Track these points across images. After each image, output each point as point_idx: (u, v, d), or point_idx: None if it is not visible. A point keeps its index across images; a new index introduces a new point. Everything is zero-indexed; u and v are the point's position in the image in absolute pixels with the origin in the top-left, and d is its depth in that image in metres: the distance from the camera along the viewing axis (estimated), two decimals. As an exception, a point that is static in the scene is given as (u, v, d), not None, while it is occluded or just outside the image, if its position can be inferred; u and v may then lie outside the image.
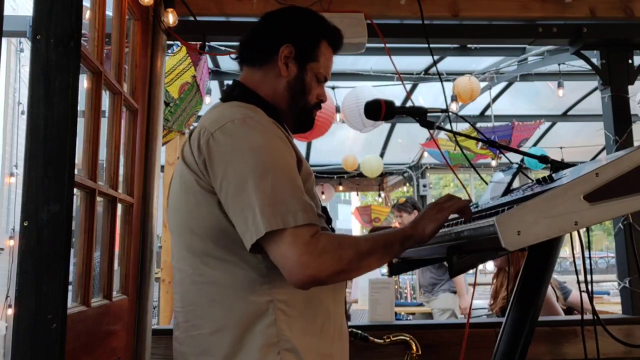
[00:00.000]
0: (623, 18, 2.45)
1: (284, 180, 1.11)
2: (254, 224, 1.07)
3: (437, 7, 2.38)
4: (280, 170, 1.12)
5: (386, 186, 10.66)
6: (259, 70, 1.33)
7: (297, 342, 1.16)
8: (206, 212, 1.17)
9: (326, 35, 1.36)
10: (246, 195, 1.09)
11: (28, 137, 1.11)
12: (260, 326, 1.15)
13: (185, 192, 1.21)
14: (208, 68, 3.34)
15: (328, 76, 1.39)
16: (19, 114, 7.09)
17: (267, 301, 1.16)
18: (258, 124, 1.18)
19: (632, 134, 2.43)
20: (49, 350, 1.05)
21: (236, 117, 1.17)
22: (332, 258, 1.08)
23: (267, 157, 1.13)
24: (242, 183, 1.10)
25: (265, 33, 1.36)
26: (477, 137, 3.90)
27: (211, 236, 1.18)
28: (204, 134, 1.17)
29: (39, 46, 1.12)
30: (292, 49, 1.31)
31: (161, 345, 2.07)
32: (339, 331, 1.28)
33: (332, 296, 1.26)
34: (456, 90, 4.91)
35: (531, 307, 1.47)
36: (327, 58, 1.37)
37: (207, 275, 1.19)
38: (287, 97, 1.33)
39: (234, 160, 1.12)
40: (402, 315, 4.51)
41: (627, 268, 2.36)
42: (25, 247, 1.08)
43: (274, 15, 1.39)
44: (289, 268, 1.07)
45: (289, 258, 1.06)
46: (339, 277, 1.13)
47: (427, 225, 1.19)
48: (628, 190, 0.99)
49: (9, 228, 6.85)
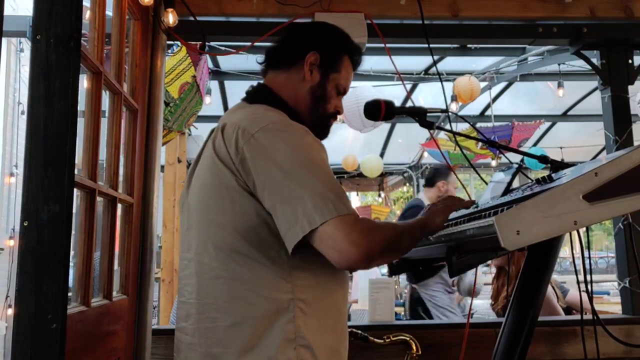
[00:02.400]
0: (623, 18, 2.45)
1: (326, 176, 1.19)
2: (304, 215, 1.13)
3: (437, 7, 2.38)
4: (322, 168, 1.20)
5: (386, 186, 10.67)
6: (285, 73, 1.41)
7: (312, 339, 1.22)
8: (240, 210, 1.22)
9: (350, 51, 1.46)
10: (293, 191, 1.15)
11: (28, 137, 1.11)
12: (280, 322, 1.21)
13: (218, 188, 1.25)
14: (208, 68, 3.34)
15: (347, 89, 1.47)
16: (19, 114, 7.09)
17: (288, 299, 1.22)
18: (294, 127, 1.26)
19: (632, 134, 2.43)
20: (49, 350, 1.06)
21: (274, 121, 1.26)
22: (379, 235, 1.15)
23: (309, 155, 1.20)
24: (289, 180, 1.16)
25: (295, 39, 1.45)
26: (477, 137, 3.90)
27: (242, 233, 1.23)
28: (243, 135, 1.22)
29: (39, 46, 1.12)
30: (318, 56, 1.39)
31: (161, 345, 2.07)
32: (344, 328, 1.34)
33: (342, 294, 1.33)
34: (456, 90, 4.91)
35: (531, 307, 1.47)
36: (348, 72, 1.46)
37: (232, 271, 1.24)
38: (309, 101, 1.40)
39: (278, 159, 1.18)
40: (402, 315, 4.51)
41: (627, 268, 2.36)
42: (25, 247, 1.08)
43: (304, 24, 1.51)
44: (340, 249, 1.12)
45: (338, 240, 1.12)
46: (388, 254, 1.22)
47: (437, 216, 1.29)
48: (627, 189, 0.99)
49: (9, 228, 6.85)
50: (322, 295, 1.26)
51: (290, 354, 1.20)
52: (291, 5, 2.29)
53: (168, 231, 5.19)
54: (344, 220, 1.13)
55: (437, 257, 1.56)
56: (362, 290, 4.51)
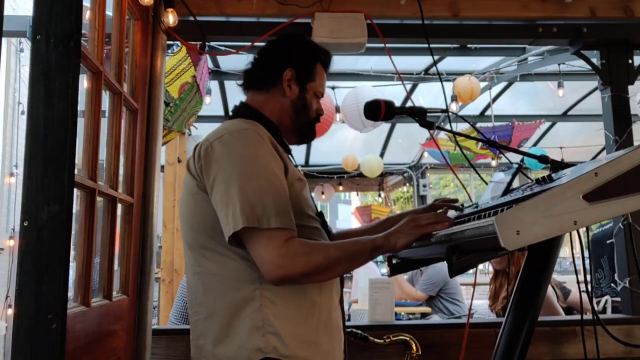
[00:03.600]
0: (623, 18, 2.45)
1: (266, 186, 1.27)
2: (233, 218, 1.23)
3: (437, 7, 2.38)
4: (265, 178, 1.28)
5: (386, 186, 10.67)
6: (265, 92, 1.51)
7: (280, 327, 1.28)
8: (202, 210, 1.34)
9: (320, 58, 1.56)
10: (231, 195, 1.25)
11: (28, 137, 1.11)
12: (247, 311, 1.29)
13: (187, 194, 1.39)
14: (208, 68, 3.34)
15: (324, 92, 1.58)
16: (19, 114, 7.09)
17: (254, 289, 1.30)
18: (251, 135, 1.34)
19: (632, 134, 2.43)
20: (49, 350, 1.06)
21: (233, 130, 1.35)
22: (302, 262, 1.23)
23: (254, 164, 1.30)
24: (229, 184, 1.26)
25: (268, 61, 1.54)
26: (477, 137, 3.90)
27: (207, 231, 1.33)
28: (204, 144, 1.34)
29: (39, 46, 1.12)
30: (293, 72, 1.49)
31: (161, 345, 2.07)
32: (325, 321, 1.38)
33: (318, 288, 1.38)
34: (456, 90, 4.91)
35: (531, 307, 1.47)
36: (322, 77, 1.56)
37: (204, 266, 1.35)
38: (292, 113, 1.51)
39: (225, 165, 1.29)
40: (402, 315, 4.51)
41: (627, 268, 2.36)
42: (25, 247, 1.08)
43: (273, 45, 1.58)
44: (265, 267, 1.24)
45: (264, 258, 1.23)
46: (308, 279, 1.30)
47: (399, 238, 1.29)
48: (627, 189, 0.99)
49: (9, 228, 6.84)
50: (291, 287, 1.32)
51: (258, 341, 1.26)
52: (291, 5, 2.29)
53: (168, 231, 5.19)
54: (272, 239, 1.23)
55: (437, 256, 1.56)
56: (362, 290, 4.50)
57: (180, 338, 2.10)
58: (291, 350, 1.28)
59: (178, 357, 2.08)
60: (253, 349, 1.26)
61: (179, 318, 2.76)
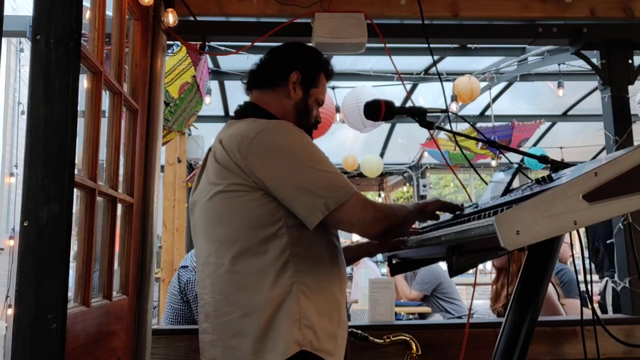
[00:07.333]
0: (623, 18, 2.45)
1: (329, 164, 1.37)
2: (320, 203, 1.30)
3: (437, 7, 2.38)
4: (324, 157, 1.38)
5: (386, 186, 10.67)
6: (271, 92, 1.56)
7: (314, 320, 1.34)
8: (241, 207, 1.36)
9: (324, 68, 1.62)
10: (307, 181, 1.32)
11: (28, 137, 1.11)
12: (285, 305, 1.33)
13: (225, 193, 1.38)
14: (208, 68, 3.34)
15: (324, 100, 1.64)
16: (19, 114, 7.08)
17: (291, 283, 1.34)
18: (290, 125, 1.42)
19: (632, 134, 2.43)
20: (49, 350, 1.06)
21: (270, 124, 1.41)
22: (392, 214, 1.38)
23: (312, 150, 1.38)
24: (299, 172, 1.33)
25: (277, 61, 1.60)
26: (477, 137, 3.90)
27: (247, 229, 1.36)
28: (243, 141, 1.36)
29: (39, 46, 1.12)
30: (300, 75, 1.55)
31: (161, 345, 2.07)
32: (343, 318, 1.45)
33: (339, 286, 1.45)
34: (456, 90, 4.91)
35: (531, 307, 1.47)
36: (324, 86, 1.63)
37: (239, 265, 1.36)
38: (294, 114, 1.55)
39: (285, 154, 1.35)
40: (402, 315, 4.51)
41: (627, 268, 2.36)
42: (25, 247, 1.08)
43: (283, 47, 1.64)
44: (369, 227, 1.35)
45: (367, 220, 1.33)
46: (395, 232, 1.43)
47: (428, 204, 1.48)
48: (627, 189, 0.99)
49: (9, 228, 6.84)
50: (322, 282, 1.39)
51: (296, 334, 1.31)
52: (291, 5, 2.29)
53: (168, 231, 5.20)
54: (357, 202, 1.32)
55: (437, 257, 1.56)
56: (362, 290, 4.50)
57: (180, 338, 2.10)
58: (322, 343, 1.33)
59: (178, 357, 2.08)
60: (292, 342, 1.30)
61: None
